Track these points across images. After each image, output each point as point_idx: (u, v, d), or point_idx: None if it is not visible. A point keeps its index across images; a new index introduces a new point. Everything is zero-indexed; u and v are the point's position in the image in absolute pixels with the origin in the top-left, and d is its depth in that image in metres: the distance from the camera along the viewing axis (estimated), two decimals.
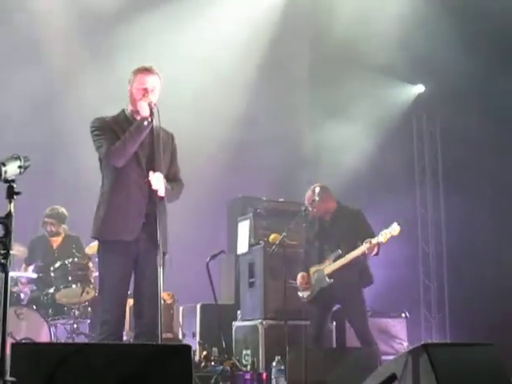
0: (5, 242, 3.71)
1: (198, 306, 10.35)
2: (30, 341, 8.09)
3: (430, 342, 3.90)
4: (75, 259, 9.10)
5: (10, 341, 3.93)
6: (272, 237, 9.41)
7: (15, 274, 8.99)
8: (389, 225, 7.78)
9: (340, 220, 8.31)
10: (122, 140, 5.68)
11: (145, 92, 5.84)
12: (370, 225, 8.23)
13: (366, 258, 8.13)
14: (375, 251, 7.84)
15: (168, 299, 9.91)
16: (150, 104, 5.74)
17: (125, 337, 7.42)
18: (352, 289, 8.08)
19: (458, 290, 12.36)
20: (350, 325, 8.54)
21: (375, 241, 7.75)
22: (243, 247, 10.12)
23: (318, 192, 8.29)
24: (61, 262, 9.08)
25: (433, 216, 13.65)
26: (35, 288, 9.36)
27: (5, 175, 3.80)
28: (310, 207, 8.34)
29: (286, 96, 12.57)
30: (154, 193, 5.63)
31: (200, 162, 11.29)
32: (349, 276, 8.01)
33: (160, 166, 5.72)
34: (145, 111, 5.73)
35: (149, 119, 5.70)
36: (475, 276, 11.33)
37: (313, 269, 8.35)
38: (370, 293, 8.41)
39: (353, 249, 8.01)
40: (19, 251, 9.09)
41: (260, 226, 10.01)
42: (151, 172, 5.70)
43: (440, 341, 12.05)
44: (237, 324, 9.69)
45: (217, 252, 9.40)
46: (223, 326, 9.31)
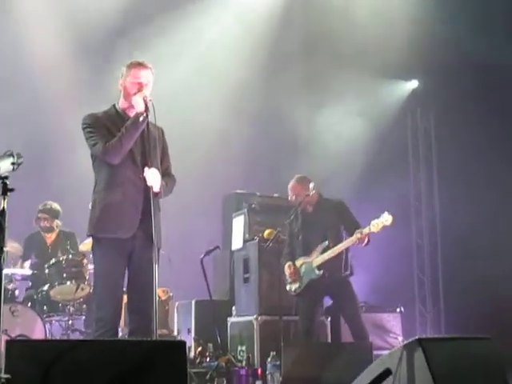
0: None
1: (193, 302, 10.34)
2: (25, 338, 8.08)
3: (425, 337, 3.89)
4: (70, 256, 9.10)
5: (5, 338, 3.93)
6: (267, 232, 9.42)
7: (9, 271, 8.98)
8: (380, 214, 7.77)
9: (323, 211, 8.26)
10: (118, 136, 5.62)
11: (139, 86, 5.79)
12: (353, 214, 8.22)
13: (348, 249, 8.11)
14: (366, 241, 7.83)
15: (163, 295, 9.92)
16: (145, 99, 5.68)
17: (120, 333, 7.42)
18: (341, 280, 8.06)
19: (453, 284, 12.39)
20: (342, 316, 8.49)
21: (367, 230, 7.69)
22: (238, 243, 10.10)
23: (297, 185, 8.34)
24: (55, 259, 9.08)
25: (427, 209, 13.68)
26: (30, 285, 9.36)
27: None
28: (300, 198, 8.31)
29: (281, 90, 12.55)
30: (149, 189, 5.59)
31: (194, 158, 11.29)
32: (336, 267, 8.00)
33: (155, 162, 5.69)
34: (140, 106, 5.66)
35: (144, 114, 5.65)
36: (470, 270, 11.33)
37: (299, 261, 8.29)
38: (365, 287, 8.44)
39: (339, 239, 8.01)
40: (13, 248, 9.08)
41: (254, 222, 10.00)
42: (146, 168, 5.66)
43: (435, 335, 12.07)
44: (232, 320, 9.68)
45: (211, 248, 9.43)
46: (218, 322, 9.33)
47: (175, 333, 10.31)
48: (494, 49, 11.00)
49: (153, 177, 5.62)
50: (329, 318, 9.18)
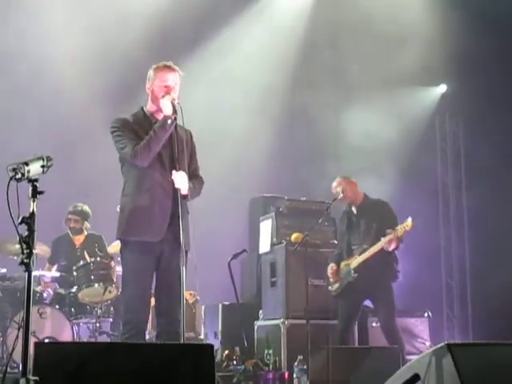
0: (28, 242, 3.72)
1: (220, 306, 10.35)
2: (53, 340, 8.14)
3: (454, 342, 3.85)
4: (98, 258, 9.13)
5: (33, 340, 3.94)
6: (294, 236, 9.40)
7: (38, 273, 9.04)
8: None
9: (365, 213, 8.33)
10: (147, 139, 5.62)
11: (167, 89, 5.78)
12: (396, 217, 8.20)
13: (391, 252, 8.09)
14: (394, 245, 7.80)
15: (190, 298, 9.93)
16: (173, 102, 5.68)
17: (147, 336, 7.43)
18: (379, 283, 8.07)
19: (481, 289, 12.31)
20: (378, 320, 8.51)
21: (391, 236, 7.73)
22: (265, 246, 10.09)
23: (345, 183, 8.37)
24: (83, 262, 9.12)
25: (455, 214, 13.61)
26: (58, 287, 9.41)
27: (28, 174, 3.81)
28: (340, 196, 8.32)
29: (309, 93, 12.55)
30: (177, 192, 5.59)
31: (221, 160, 11.30)
32: (375, 270, 7.99)
33: (183, 165, 5.68)
34: (167, 109, 5.67)
35: (172, 117, 5.65)
36: (498, 275, 11.24)
37: (343, 263, 8.39)
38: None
39: (378, 241, 8.01)
40: (42, 250, 9.13)
41: (282, 225, 9.97)
42: (174, 171, 5.66)
43: (462, 340, 11.99)
44: (259, 323, 9.67)
45: (239, 251, 9.42)
46: (245, 326, 9.33)
47: (202, 336, 10.32)
48: None
49: (180, 179, 5.62)
50: (356, 322, 9.15)
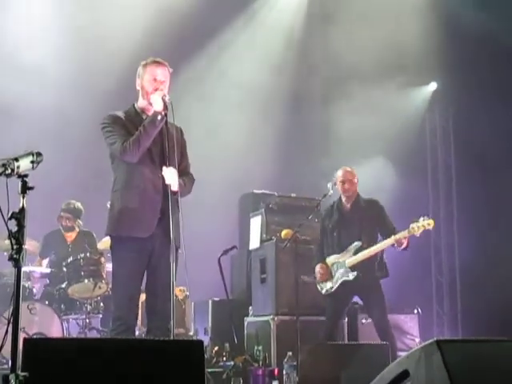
0: (17, 237, 3.71)
1: (210, 302, 10.36)
2: (42, 336, 8.12)
3: (443, 338, 3.86)
4: (87, 254, 9.11)
5: (23, 336, 3.94)
6: (284, 232, 9.41)
7: (28, 269, 9.02)
8: (418, 217, 7.73)
9: (360, 209, 8.26)
10: (136, 135, 5.61)
11: (156, 83, 5.79)
12: (389, 217, 8.20)
13: (383, 251, 8.10)
14: (405, 244, 7.79)
15: (179, 294, 9.91)
16: (164, 98, 5.67)
17: (137, 332, 7.43)
18: (372, 281, 8.05)
19: (470, 286, 12.33)
20: (370, 317, 8.44)
21: (406, 233, 7.67)
22: (255, 243, 10.10)
23: (353, 175, 8.33)
24: (73, 257, 9.10)
25: (445, 210, 13.63)
26: (48, 283, 9.39)
27: (17, 170, 3.80)
28: (347, 184, 8.25)
29: (304, 94, 12.61)
30: (168, 188, 5.58)
31: (211, 157, 11.30)
32: (369, 268, 7.99)
33: (173, 161, 5.65)
34: (157, 105, 5.66)
35: (162, 113, 5.64)
36: (487, 271, 11.28)
37: (331, 259, 8.27)
38: (383, 288, 8.37)
39: (373, 241, 7.99)
40: (31, 245, 9.11)
41: (272, 222, 9.99)
42: (164, 167, 5.65)
43: (452, 337, 12.02)
44: (248, 319, 9.68)
45: (229, 247, 9.43)
46: (235, 322, 9.33)
47: (192, 332, 10.32)
48: None
49: (171, 175, 5.61)
50: (346, 319, 9.16)
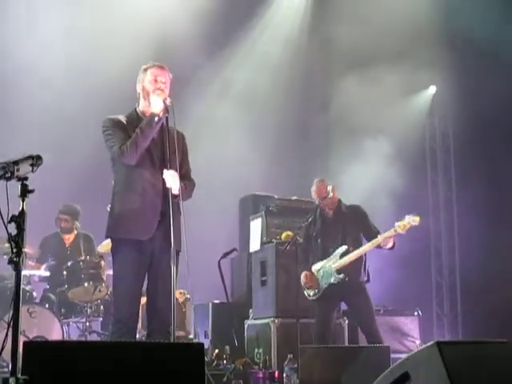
0: (17, 241, 3.71)
1: (210, 305, 10.36)
2: (43, 339, 8.11)
3: (443, 340, 3.87)
4: (87, 257, 9.13)
5: (23, 339, 3.93)
6: (284, 235, 9.43)
7: (27, 272, 9.01)
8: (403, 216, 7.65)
9: (342, 215, 8.25)
10: (133, 137, 5.61)
11: (157, 84, 5.79)
12: (371, 220, 8.19)
13: (366, 255, 8.10)
14: (391, 244, 7.78)
15: (180, 297, 9.92)
16: (165, 101, 5.66)
17: (137, 334, 7.42)
18: (357, 285, 8.03)
19: (470, 288, 12.32)
20: (357, 322, 8.45)
21: (392, 232, 7.63)
22: (255, 245, 10.11)
23: (331, 187, 8.28)
24: (73, 261, 9.10)
25: (445, 213, 13.63)
26: (48, 286, 9.39)
27: (17, 173, 3.80)
28: (321, 202, 8.28)
29: (301, 97, 12.62)
30: (168, 191, 5.56)
31: (211, 159, 11.30)
32: (355, 272, 7.98)
33: (174, 165, 5.65)
34: (156, 106, 5.66)
35: (160, 114, 5.63)
36: (487, 273, 11.28)
37: (316, 266, 8.22)
38: (383, 290, 8.40)
39: (358, 244, 7.99)
40: (30, 249, 9.08)
41: (272, 224, 10.00)
42: (165, 170, 5.64)
43: (452, 339, 12.02)
44: (249, 322, 9.68)
45: (229, 250, 9.43)
46: (235, 325, 9.34)
47: (192, 335, 10.32)
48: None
49: (172, 179, 5.59)
50: (346, 321, 9.16)
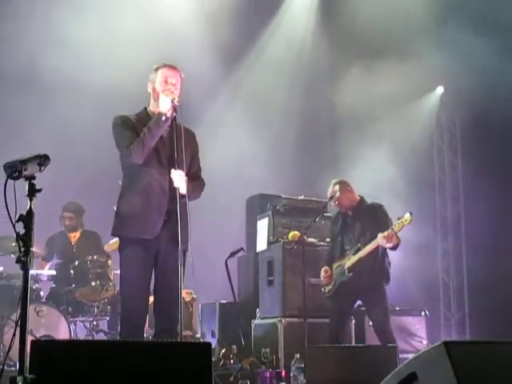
0: (25, 240, 3.71)
1: (217, 304, 10.35)
2: (50, 338, 8.12)
3: (451, 340, 3.86)
4: (94, 257, 9.13)
5: (30, 338, 3.93)
6: (291, 234, 9.42)
7: (35, 272, 9.02)
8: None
9: (362, 214, 8.26)
10: (141, 136, 5.61)
11: (167, 85, 5.79)
12: (391, 220, 8.17)
13: (385, 255, 8.08)
14: (391, 243, 7.75)
15: (187, 297, 9.92)
16: (173, 101, 5.66)
17: (145, 334, 7.42)
18: (371, 283, 8.01)
19: (478, 288, 12.30)
20: (370, 320, 8.48)
21: (389, 231, 7.63)
22: (262, 245, 10.09)
23: (338, 187, 8.28)
24: (80, 260, 9.12)
25: (452, 212, 13.62)
26: (54, 285, 9.40)
27: (25, 172, 3.80)
28: (332, 202, 8.34)
29: (308, 98, 12.63)
30: (175, 190, 5.56)
31: (219, 159, 11.29)
32: (368, 270, 7.96)
33: (181, 164, 5.64)
34: (165, 106, 5.66)
35: (167, 114, 5.63)
36: (495, 273, 11.25)
37: (336, 264, 8.31)
38: (390, 290, 8.34)
39: (370, 241, 7.99)
40: (37, 248, 9.09)
41: (279, 224, 9.98)
42: (172, 169, 5.63)
43: (460, 339, 12.00)
44: (256, 322, 9.66)
45: (236, 249, 9.42)
46: (242, 324, 9.33)
47: (199, 335, 10.32)
48: None
49: (179, 178, 5.59)
50: (353, 321, 9.15)
